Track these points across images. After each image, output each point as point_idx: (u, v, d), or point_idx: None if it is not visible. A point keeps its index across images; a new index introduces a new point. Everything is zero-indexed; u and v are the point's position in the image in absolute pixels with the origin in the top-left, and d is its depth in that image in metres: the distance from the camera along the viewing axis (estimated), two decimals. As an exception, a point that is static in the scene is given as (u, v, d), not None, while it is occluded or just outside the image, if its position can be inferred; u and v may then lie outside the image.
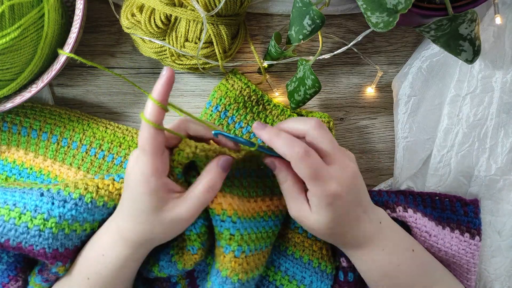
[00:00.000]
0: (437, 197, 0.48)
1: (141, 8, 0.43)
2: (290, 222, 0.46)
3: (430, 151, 0.48)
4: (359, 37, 0.44)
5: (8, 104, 0.44)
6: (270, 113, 0.49)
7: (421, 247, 0.43)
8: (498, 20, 0.45)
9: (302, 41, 0.41)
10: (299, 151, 0.35)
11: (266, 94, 0.49)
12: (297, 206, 0.38)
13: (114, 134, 0.48)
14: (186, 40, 0.44)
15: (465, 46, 0.38)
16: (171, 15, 0.42)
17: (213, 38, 0.43)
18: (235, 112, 0.48)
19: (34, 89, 0.43)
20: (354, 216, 0.38)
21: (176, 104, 0.50)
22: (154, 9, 0.42)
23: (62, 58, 0.43)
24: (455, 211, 0.47)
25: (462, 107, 0.47)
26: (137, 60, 0.50)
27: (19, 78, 0.42)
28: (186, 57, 0.45)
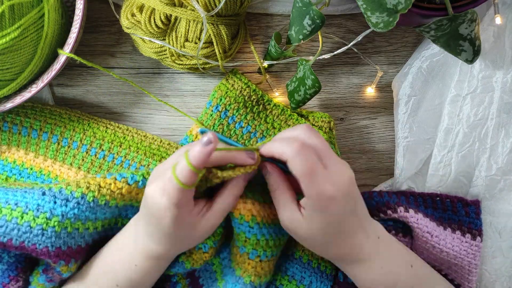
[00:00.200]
0: (438, 198, 0.48)
1: (141, 8, 0.43)
2: None
3: (431, 151, 0.48)
4: (359, 37, 0.44)
5: (8, 104, 0.44)
6: (270, 112, 0.49)
7: (421, 261, 0.42)
8: (498, 20, 0.45)
9: (302, 41, 0.41)
10: (295, 145, 0.34)
11: (266, 94, 0.49)
12: (289, 213, 0.37)
13: (114, 134, 0.48)
14: (186, 40, 0.44)
15: (465, 46, 0.38)
16: (171, 15, 0.42)
17: (213, 38, 0.43)
18: (235, 112, 0.48)
19: (34, 89, 0.43)
20: (349, 227, 0.37)
21: (176, 104, 0.50)
22: (154, 9, 0.42)
23: (62, 58, 0.43)
24: (456, 212, 0.47)
25: (462, 107, 0.47)
26: (137, 60, 0.50)
27: (19, 78, 0.42)
28: (186, 57, 0.45)
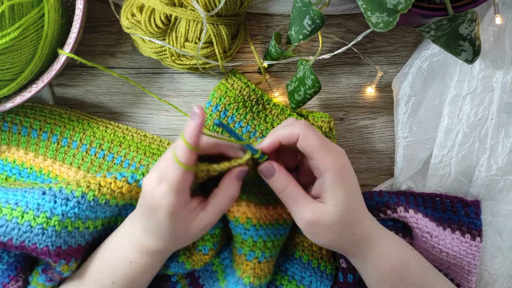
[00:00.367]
0: (438, 198, 0.48)
1: (141, 8, 0.43)
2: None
3: (431, 151, 0.48)
4: (359, 37, 0.44)
5: (8, 104, 0.44)
6: (270, 112, 0.49)
7: (417, 253, 0.43)
8: (498, 20, 0.45)
9: (302, 41, 0.41)
10: (302, 123, 0.37)
11: (265, 93, 0.49)
12: (310, 205, 0.36)
13: (114, 134, 0.48)
14: (186, 40, 0.44)
15: (465, 46, 0.38)
16: (171, 15, 0.42)
17: (213, 38, 0.43)
18: (235, 111, 0.48)
19: (34, 89, 0.43)
20: (360, 206, 0.38)
21: (175, 104, 0.50)
22: (154, 9, 0.42)
23: (62, 58, 0.43)
24: (456, 212, 0.47)
25: (462, 107, 0.47)
26: (137, 60, 0.50)
27: (19, 78, 0.42)
28: (186, 57, 0.45)
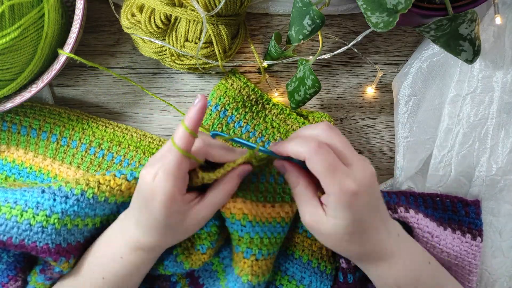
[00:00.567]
0: (438, 198, 0.48)
1: (141, 8, 0.43)
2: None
3: (431, 151, 0.48)
4: (359, 37, 0.44)
5: (8, 104, 0.44)
6: (269, 112, 0.49)
7: (434, 259, 0.42)
8: (498, 20, 0.45)
9: (302, 41, 0.41)
10: (312, 145, 0.34)
11: (265, 93, 0.49)
12: (311, 210, 0.36)
13: (113, 133, 0.49)
14: (186, 40, 0.44)
15: (465, 46, 0.38)
16: (171, 15, 0.42)
17: (213, 38, 0.43)
18: (235, 111, 0.48)
19: (34, 89, 0.43)
20: (372, 223, 0.36)
21: (175, 104, 0.50)
22: (154, 9, 0.42)
23: (62, 58, 0.43)
24: (456, 212, 0.47)
25: (462, 107, 0.47)
26: (137, 60, 0.50)
27: (19, 78, 0.42)
28: (186, 57, 0.45)
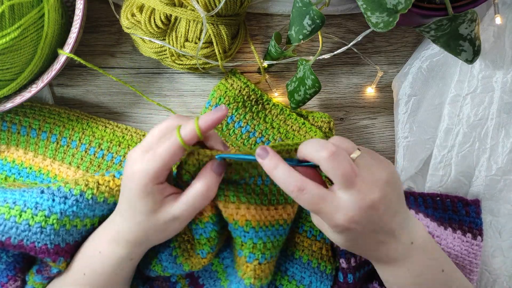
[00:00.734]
0: (438, 198, 0.48)
1: (141, 8, 0.43)
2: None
3: (431, 151, 0.48)
4: (359, 37, 0.44)
5: (8, 104, 0.44)
6: (269, 112, 0.49)
7: (452, 265, 0.40)
8: (498, 20, 0.45)
9: (302, 41, 0.41)
10: (327, 151, 0.32)
11: (265, 93, 0.49)
12: (317, 219, 0.39)
13: (113, 133, 0.48)
14: (186, 40, 0.44)
15: (465, 46, 0.38)
16: (171, 15, 0.42)
17: (213, 38, 0.43)
18: (235, 111, 0.48)
19: (34, 89, 0.43)
20: (371, 242, 0.36)
21: (175, 104, 0.50)
22: (154, 9, 0.42)
23: (62, 58, 0.43)
24: (456, 212, 0.47)
25: (462, 107, 0.47)
26: (137, 60, 0.50)
27: (19, 78, 0.42)
28: (186, 57, 0.45)
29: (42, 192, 0.38)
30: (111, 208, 0.41)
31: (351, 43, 0.46)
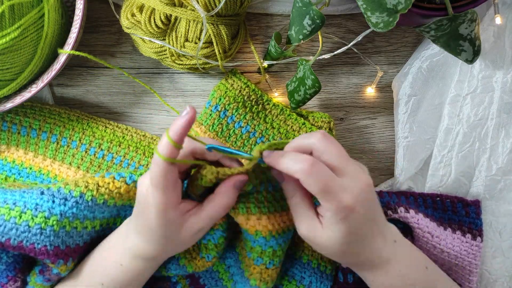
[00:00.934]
0: (438, 198, 0.48)
1: (141, 8, 0.43)
2: None
3: (431, 151, 0.48)
4: (359, 37, 0.44)
5: (8, 104, 0.44)
6: (269, 112, 0.49)
7: (432, 263, 0.42)
8: (498, 20, 0.45)
9: (302, 41, 0.41)
10: (305, 165, 0.33)
11: (265, 93, 0.49)
12: (307, 222, 0.36)
13: (113, 134, 0.48)
14: (186, 40, 0.44)
15: (465, 46, 0.38)
16: (171, 15, 0.42)
17: (213, 38, 0.43)
18: (235, 111, 0.48)
19: (34, 89, 0.43)
20: (368, 233, 0.36)
21: (175, 104, 0.50)
22: (154, 9, 0.42)
23: (62, 58, 0.43)
24: (456, 212, 0.47)
25: (462, 107, 0.47)
26: (137, 60, 0.50)
27: (19, 78, 0.42)
28: (186, 57, 0.45)
29: (42, 193, 0.38)
30: (111, 210, 0.41)
31: (351, 43, 0.46)
